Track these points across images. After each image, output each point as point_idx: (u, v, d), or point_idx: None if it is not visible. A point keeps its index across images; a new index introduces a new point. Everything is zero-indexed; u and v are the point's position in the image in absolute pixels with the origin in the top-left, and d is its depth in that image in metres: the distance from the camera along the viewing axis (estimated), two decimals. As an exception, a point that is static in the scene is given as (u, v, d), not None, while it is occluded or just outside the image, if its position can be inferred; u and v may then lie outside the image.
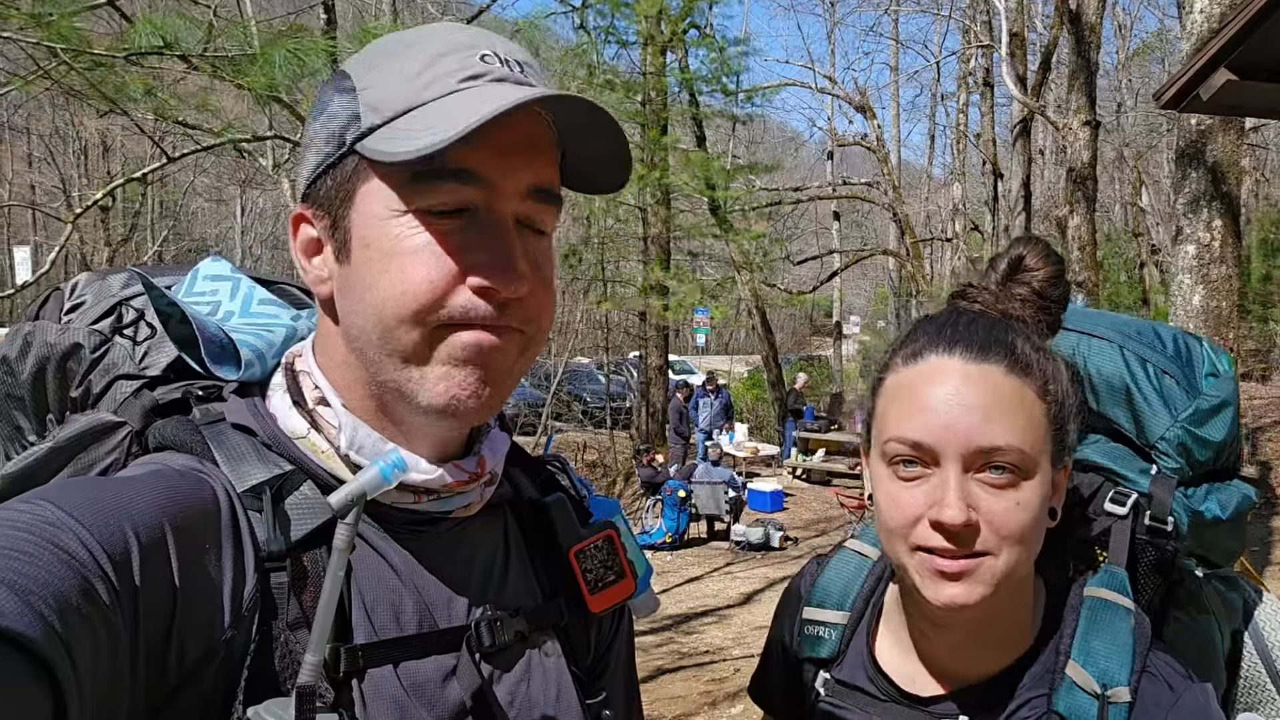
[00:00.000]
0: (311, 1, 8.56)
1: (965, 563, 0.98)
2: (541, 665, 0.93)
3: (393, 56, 0.82)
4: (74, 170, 31.82)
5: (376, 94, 0.80)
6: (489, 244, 0.79)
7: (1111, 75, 28.91)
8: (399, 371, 0.81)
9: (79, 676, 0.59)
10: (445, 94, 0.78)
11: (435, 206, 0.78)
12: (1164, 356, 1.26)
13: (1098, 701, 1.00)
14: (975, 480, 0.98)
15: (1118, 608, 1.08)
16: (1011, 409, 0.99)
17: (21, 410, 0.94)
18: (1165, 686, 1.02)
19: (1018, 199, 17.36)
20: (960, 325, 1.05)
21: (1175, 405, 1.23)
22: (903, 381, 1.05)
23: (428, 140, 0.74)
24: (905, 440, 1.01)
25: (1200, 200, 7.19)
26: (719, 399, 17.08)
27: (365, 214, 0.80)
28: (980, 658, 1.08)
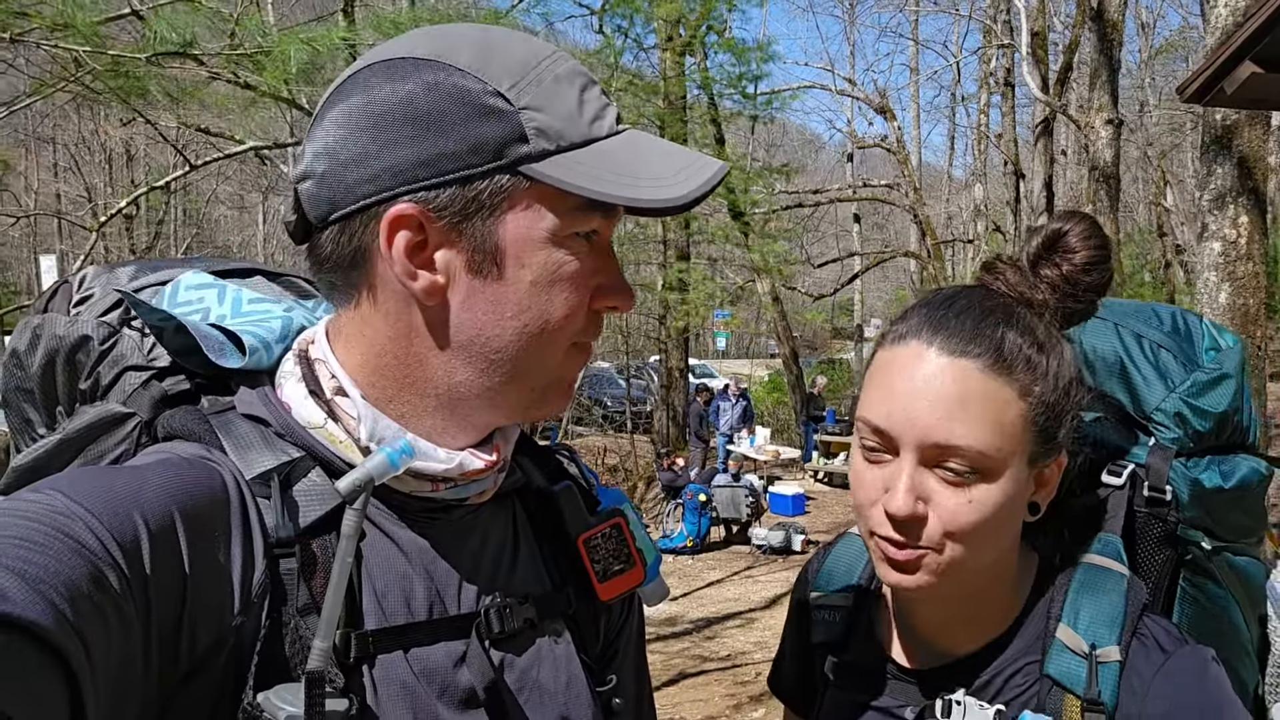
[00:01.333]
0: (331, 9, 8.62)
1: (909, 553, 0.98)
2: (551, 652, 0.93)
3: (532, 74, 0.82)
4: (99, 179, 32.22)
5: (546, 120, 0.80)
6: (612, 268, 0.88)
7: (1134, 74, 28.68)
8: (519, 383, 0.87)
9: (92, 665, 0.60)
10: (611, 134, 0.84)
11: (586, 234, 0.84)
12: (1160, 332, 1.25)
13: (1087, 661, 0.99)
14: (932, 473, 0.98)
15: (1110, 572, 1.07)
16: (979, 409, 0.96)
17: (31, 403, 0.94)
18: (1156, 647, 1.00)
19: (1040, 199, 17.22)
20: (951, 311, 1.02)
21: (1172, 378, 1.21)
22: (883, 361, 1.04)
23: (646, 195, 0.80)
24: (869, 423, 1.01)
25: (1226, 196, 7.10)
26: (740, 403, 17.05)
27: (522, 234, 0.82)
28: (971, 631, 1.09)
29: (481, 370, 0.85)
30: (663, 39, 15.65)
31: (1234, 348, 1.24)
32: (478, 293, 0.83)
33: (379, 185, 0.80)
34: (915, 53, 32.10)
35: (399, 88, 0.80)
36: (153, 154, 28.93)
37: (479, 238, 0.81)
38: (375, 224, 0.81)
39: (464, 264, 0.82)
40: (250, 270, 1.08)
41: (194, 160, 7.10)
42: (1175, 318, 1.28)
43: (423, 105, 0.79)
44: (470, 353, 0.84)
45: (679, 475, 13.45)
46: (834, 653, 1.20)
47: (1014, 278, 1.05)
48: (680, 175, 0.82)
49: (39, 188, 33.97)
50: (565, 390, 0.91)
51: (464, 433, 0.89)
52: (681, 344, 17.92)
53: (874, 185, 27.12)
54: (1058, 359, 1.01)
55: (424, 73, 0.80)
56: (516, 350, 0.84)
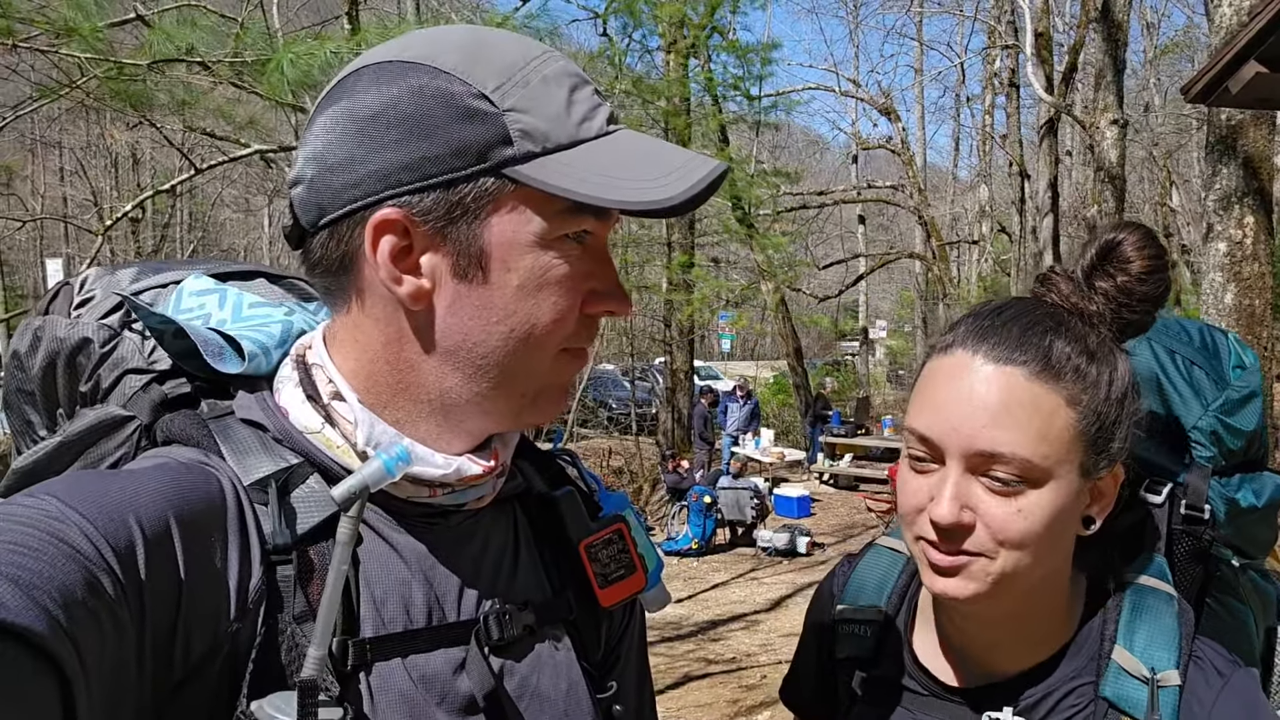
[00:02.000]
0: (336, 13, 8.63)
1: (955, 559, 0.97)
2: (552, 659, 0.93)
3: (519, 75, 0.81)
4: (105, 183, 32.30)
5: (530, 122, 0.79)
6: (607, 272, 0.86)
7: (1139, 74, 28.63)
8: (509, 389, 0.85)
9: (86, 671, 0.59)
10: (598, 136, 0.83)
11: (576, 236, 0.83)
12: (1191, 348, 1.25)
13: (1147, 686, 0.98)
14: (979, 481, 0.97)
15: (1160, 593, 1.06)
16: (1025, 416, 0.95)
17: (32, 405, 0.94)
18: (1214, 671, 1.00)
19: (1045, 200, 17.17)
20: (999, 320, 1.01)
21: (1205, 395, 1.21)
22: (931, 371, 1.03)
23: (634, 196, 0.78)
24: (915, 432, 1.01)
25: (1231, 197, 7.08)
26: (747, 404, 17.03)
27: (508, 237, 0.80)
28: (1019, 651, 1.06)
29: (470, 376, 0.84)
30: (666, 42, 15.64)
31: (1256, 365, 1.25)
32: (463, 297, 0.82)
33: (364, 190, 0.80)
34: (920, 54, 32.09)
35: (385, 91, 0.79)
36: (159, 158, 29.00)
37: (464, 242, 0.80)
38: (361, 229, 0.80)
39: (449, 268, 0.81)
40: (253, 273, 1.08)
41: (199, 164, 7.12)
42: (1204, 334, 1.28)
43: (407, 109, 0.79)
44: (458, 358, 0.83)
45: (684, 477, 13.45)
46: (863, 668, 1.17)
47: (1067, 289, 1.04)
48: (672, 176, 0.80)
49: (45, 192, 34.07)
50: (558, 396, 0.90)
51: (459, 438, 0.88)
52: (686, 346, 17.90)
53: (879, 186, 27.09)
54: (1109, 369, 0.99)
55: (409, 76, 0.80)
56: (503, 356, 0.83)
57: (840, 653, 1.20)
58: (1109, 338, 1.02)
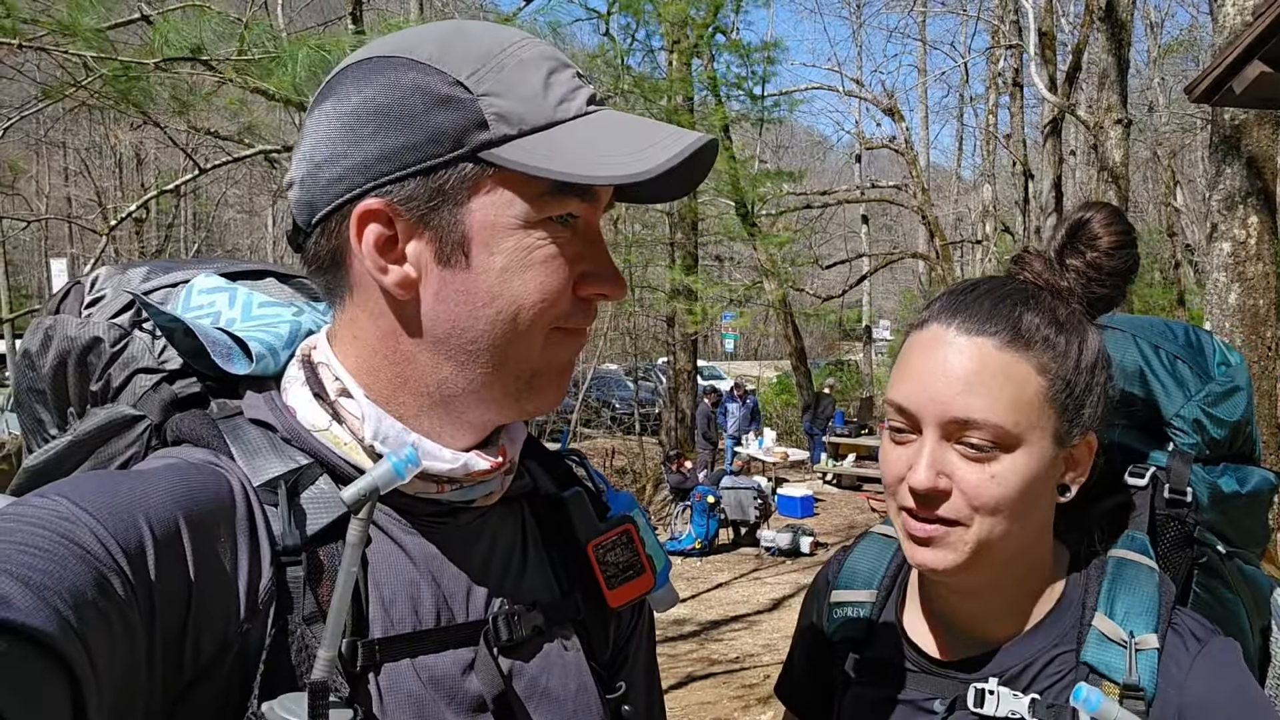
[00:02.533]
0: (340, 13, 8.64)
1: (933, 528, 1.01)
2: (561, 659, 0.93)
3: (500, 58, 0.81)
4: (109, 183, 32.34)
5: (506, 105, 0.79)
6: (599, 255, 0.86)
7: (1143, 73, 28.56)
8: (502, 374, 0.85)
9: (96, 672, 0.59)
10: (576, 116, 0.82)
11: (561, 218, 0.82)
12: (1176, 344, 1.30)
13: (1125, 649, 1.01)
14: (954, 449, 1.01)
15: (1140, 566, 1.10)
16: (996, 384, 1.00)
17: (43, 404, 0.95)
18: (1191, 637, 1.03)
19: (1049, 200, 17.16)
20: (971, 295, 1.07)
21: (1189, 387, 1.26)
22: (908, 345, 1.08)
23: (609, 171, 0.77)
24: (893, 403, 1.05)
25: (1235, 196, 7.06)
26: (747, 405, 17.02)
27: (488, 221, 0.81)
28: (1004, 622, 1.10)
29: (462, 364, 0.84)
30: (669, 41, 15.62)
31: (1241, 364, 1.30)
32: (448, 284, 0.82)
33: (349, 183, 0.81)
34: (923, 54, 32.02)
35: (363, 87, 0.81)
36: (163, 158, 29.02)
37: (446, 227, 0.81)
38: (347, 222, 0.81)
39: (433, 255, 0.82)
40: (263, 272, 1.08)
41: (203, 164, 7.12)
42: (1188, 333, 1.32)
43: (384, 101, 0.80)
44: (450, 346, 0.84)
45: (687, 477, 13.44)
46: (856, 650, 1.21)
47: (1039, 266, 1.09)
48: (654, 148, 0.79)
49: (50, 192, 34.10)
50: (555, 380, 0.88)
51: (462, 432, 0.88)
52: (689, 346, 17.87)
53: (882, 186, 27.05)
54: (1079, 339, 1.04)
55: (387, 71, 0.81)
56: (492, 340, 0.83)
57: (835, 636, 1.24)
58: (1079, 311, 1.07)
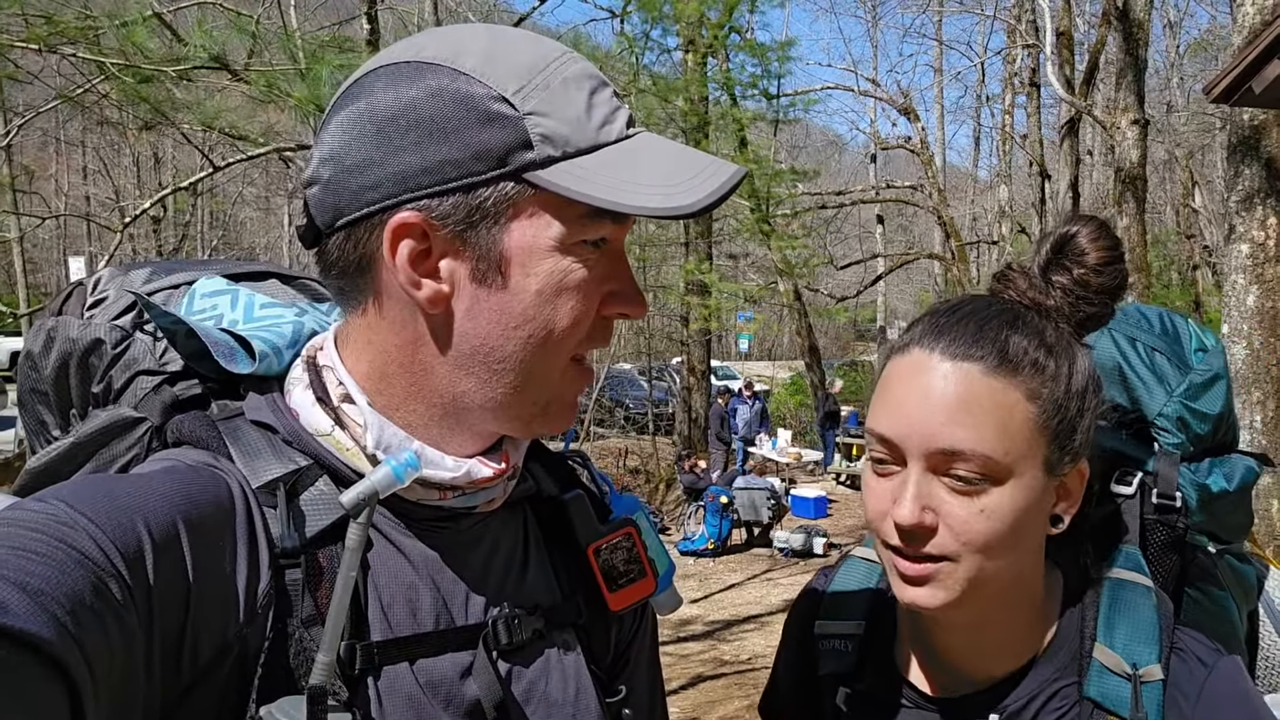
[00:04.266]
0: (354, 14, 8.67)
1: (922, 567, 0.95)
2: (560, 663, 0.92)
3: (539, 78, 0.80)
4: (127, 182, 32.58)
5: (551, 126, 0.78)
6: (623, 275, 0.86)
7: (1161, 74, 28.36)
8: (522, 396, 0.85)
9: (94, 676, 0.59)
10: (618, 140, 0.82)
11: (595, 241, 0.82)
12: (1152, 334, 1.24)
13: (1130, 682, 0.97)
14: (940, 481, 0.95)
15: (1137, 587, 1.05)
16: (983, 412, 0.93)
17: (45, 405, 0.95)
18: (1197, 661, 0.99)
19: (1065, 200, 17.05)
20: (955, 317, 1.00)
21: (1169, 381, 1.20)
22: (888, 373, 1.02)
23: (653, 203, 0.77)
24: (875, 433, 0.99)
25: (1254, 197, 7.00)
26: (756, 405, 16.99)
27: (527, 242, 0.80)
28: (1000, 655, 1.05)
29: (485, 381, 0.84)
30: (684, 41, 15.61)
31: (1218, 347, 1.25)
32: (482, 302, 0.81)
33: (383, 192, 0.79)
34: (939, 53, 31.90)
35: (403, 93, 0.79)
36: (180, 157, 29.23)
37: (483, 246, 0.80)
38: (379, 232, 0.79)
39: (468, 273, 0.81)
40: (265, 273, 1.08)
41: (219, 163, 7.15)
42: (1163, 319, 1.27)
43: (426, 111, 0.78)
44: (475, 362, 0.83)
45: (700, 477, 13.43)
46: (846, 684, 1.15)
47: (1024, 284, 1.03)
48: (693, 181, 0.79)
49: (69, 190, 34.40)
50: (567, 410, 0.89)
51: (470, 441, 0.88)
52: (703, 345, 17.86)
53: (898, 187, 26.94)
54: (1069, 362, 0.98)
55: (428, 77, 0.79)
56: (520, 361, 0.83)
57: (822, 669, 1.17)
58: (1068, 332, 1.01)
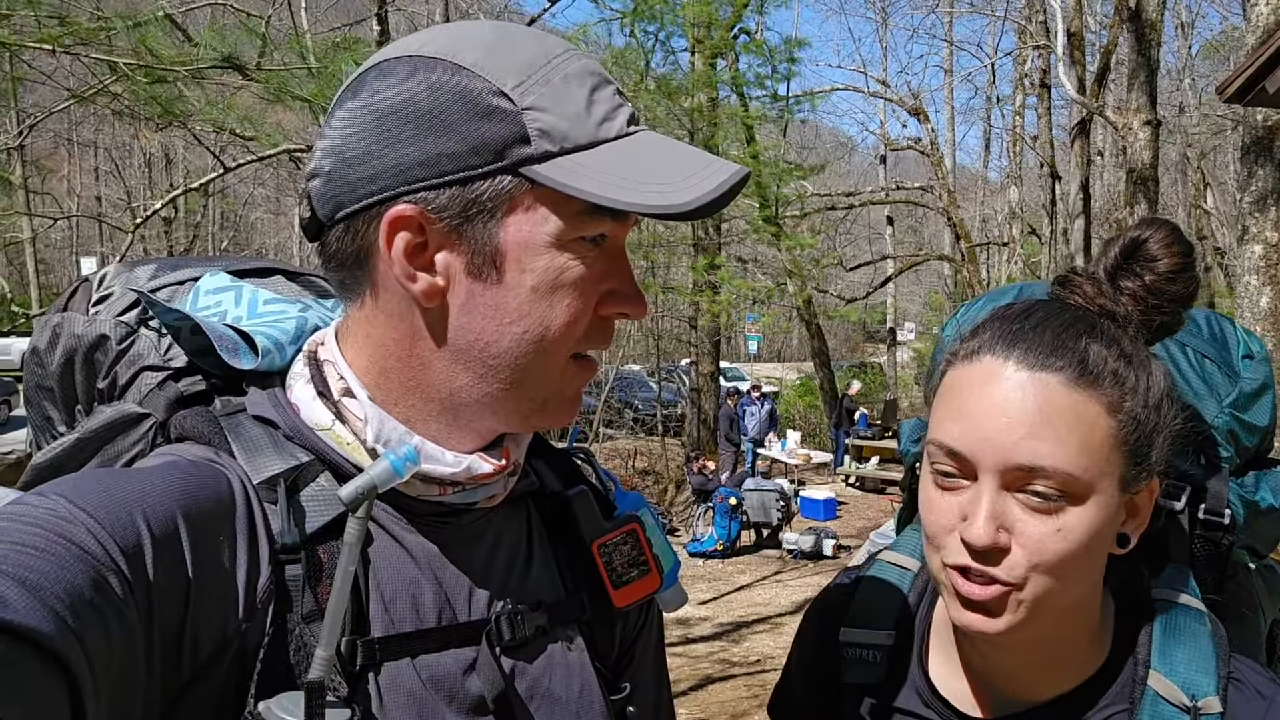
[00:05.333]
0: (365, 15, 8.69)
1: (989, 590, 0.89)
2: (564, 660, 0.92)
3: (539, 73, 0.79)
4: (138, 182, 32.76)
5: (549, 121, 0.78)
6: (622, 273, 0.85)
7: (1173, 74, 28.24)
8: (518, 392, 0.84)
9: (94, 672, 0.59)
10: (619, 136, 0.81)
11: (594, 238, 0.82)
12: (1200, 339, 1.19)
13: (1188, 714, 0.92)
14: (1015, 498, 0.89)
15: (1191, 610, 1.00)
16: (1065, 426, 0.88)
17: (51, 401, 0.95)
18: (1255, 694, 0.94)
19: (1076, 202, 16.97)
20: (1029, 324, 0.94)
21: (1219, 391, 1.15)
22: (955, 380, 0.95)
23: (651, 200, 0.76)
24: (943, 446, 0.93)
25: (1267, 198, 6.96)
26: (765, 406, 16.97)
27: (524, 238, 0.79)
28: (1048, 678, 1.00)
29: (480, 376, 0.83)
30: (692, 42, 15.61)
31: (1264, 354, 1.20)
32: (477, 297, 0.81)
33: (380, 185, 0.79)
34: (949, 54, 31.86)
35: (403, 86, 0.79)
36: (191, 158, 29.38)
37: (479, 240, 0.79)
38: (377, 224, 0.79)
39: (464, 267, 0.80)
40: (270, 270, 1.08)
41: (230, 163, 7.18)
42: (1210, 322, 1.22)
43: (425, 104, 0.78)
44: (470, 357, 0.82)
45: (709, 479, 13.42)
46: (873, 694, 1.09)
47: (1092, 290, 0.97)
48: (692, 180, 0.78)
49: (80, 191, 34.60)
50: (567, 405, 0.88)
51: (468, 437, 0.87)
52: (712, 347, 17.85)
53: (907, 188, 26.89)
54: (1146, 373, 0.93)
55: (429, 71, 0.79)
56: (515, 357, 0.82)
57: (848, 677, 1.12)
58: (1140, 341, 0.96)
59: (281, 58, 5.44)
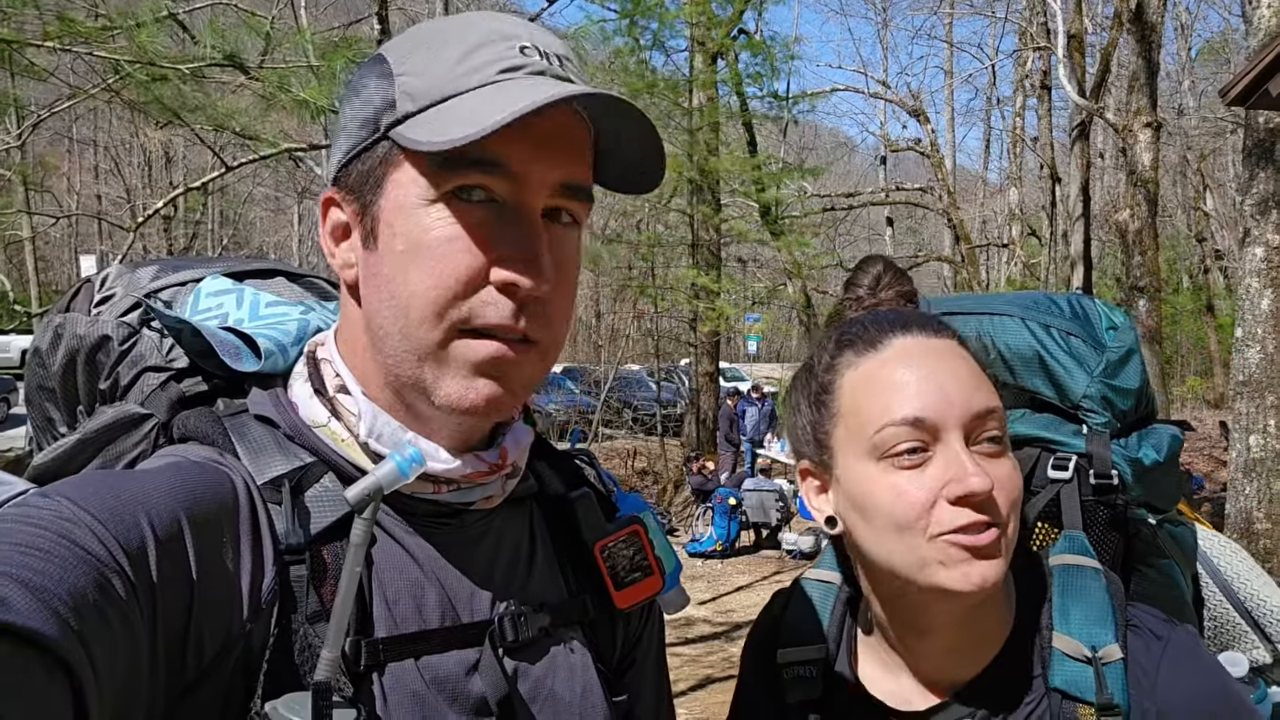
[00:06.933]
0: (364, 14, 8.69)
1: (993, 534, 0.93)
2: (567, 661, 0.92)
3: (432, 44, 0.81)
4: (138, 181, 32.77)
5: (414, 81, 0.79)
6: (516, 238, 0.78)
7: (1173, 76, 28.24)
8: (416, 369, 0.80)
9: (97, 673, 0.59)
10: (483, 85, 0.77)
11: (463, 193, 0.77)
12: (1064, 319, 1.29)
13: (1090, 665, 0.97)
14: (974, 452, 0.95)
15: (1085, 570, 1.06)
16: (980, 376, 1.00)
17: (53, 401, 0.95)
18: (1151, 636, 0.99)
19: (1076, 203, 16.98)
20: (897, 312, 1.07)
21: (1087, 362, 1.25)
22: (870, 370, 1.00)
23: (462, 131, 0.73)
24: (905, 420, 0.96)
25: (1269, 201, 6.96)
26: (764, 407, 16.97)
27: (395, 201, 0.79)
28: (967, 656, 1.04)
29: (389, 354, 0.82)
30: (694, 42, 15.63)
31: (1128, 324, 1.30)
32: (368, 268, 0.82)
33: (330, 174, 0.85)
34: (949, 55, 31.88)
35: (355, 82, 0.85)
36: (191, 156, 29.39)
37: (369, 210, 0.81)
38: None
39: (361, 239, 0.83)
40: (272, 271, 1.08)
41: (230, 162, 7.18)
42: (1073, 303, 1.32)
43: (354, 95, 0.83)
44: (376, 336, 0.82)
45: (709, 479, 13.42)
46: (815, 709, 1.12)
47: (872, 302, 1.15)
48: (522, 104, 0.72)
49: (80, 189, 34.59)
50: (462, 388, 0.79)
51: (433, 430, 0.85)
52: (712, 347, 17.85)
53: (907, 189, 26.90)
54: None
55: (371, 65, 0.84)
56: (398, 329, 0.79)
57: (790, 697, 1.14)
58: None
59: (282, 56, 5.44)
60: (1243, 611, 1.28)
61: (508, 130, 0.72)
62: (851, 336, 1.04)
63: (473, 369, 0.79)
